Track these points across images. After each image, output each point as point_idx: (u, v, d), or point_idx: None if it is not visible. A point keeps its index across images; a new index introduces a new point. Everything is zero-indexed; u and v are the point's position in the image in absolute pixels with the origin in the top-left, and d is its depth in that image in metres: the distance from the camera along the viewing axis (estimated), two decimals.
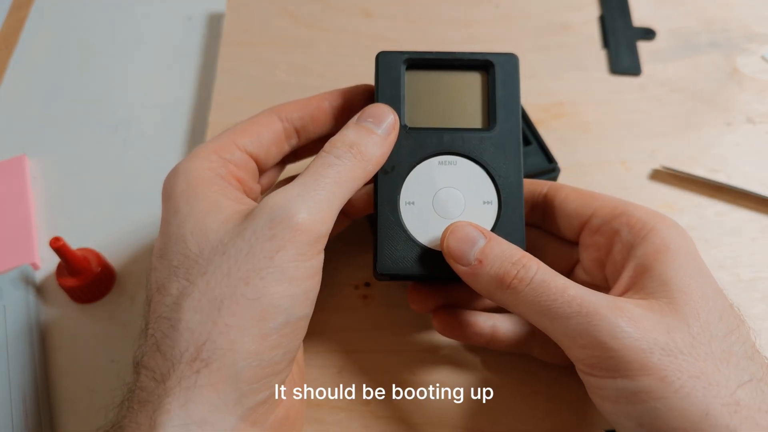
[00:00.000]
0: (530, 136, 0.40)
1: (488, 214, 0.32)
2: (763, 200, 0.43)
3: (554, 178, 0.40)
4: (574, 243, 0.34)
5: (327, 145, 0.30)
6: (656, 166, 0.44)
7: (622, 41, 0.50)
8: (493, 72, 0.34)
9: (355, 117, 0.31)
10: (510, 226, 0.32)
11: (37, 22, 0.53)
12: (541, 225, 0.35)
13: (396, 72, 0.34)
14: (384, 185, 0.32)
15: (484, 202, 0.32)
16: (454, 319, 0.34)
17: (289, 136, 0.34)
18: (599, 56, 0.49)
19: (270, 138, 0.33)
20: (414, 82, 0.34)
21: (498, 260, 0.29)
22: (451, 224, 0.31)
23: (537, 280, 0.28)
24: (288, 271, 0.27)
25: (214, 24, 0.53)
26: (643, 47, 0.50)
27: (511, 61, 0.34)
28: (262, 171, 0.34)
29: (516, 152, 0.33)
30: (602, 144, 0.45)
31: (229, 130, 0.33)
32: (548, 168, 0.39)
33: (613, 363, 0.26)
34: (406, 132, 0.33)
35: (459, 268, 0.30)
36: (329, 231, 0.28)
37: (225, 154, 0.31)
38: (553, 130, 0.45)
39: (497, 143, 0.33)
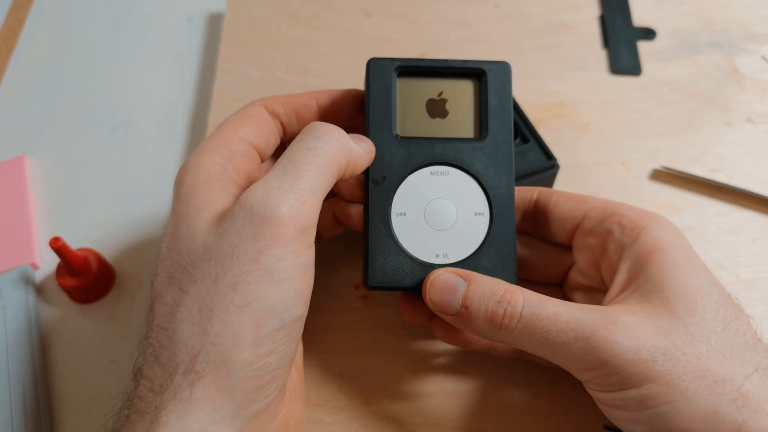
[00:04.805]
0: (527, 134, 0.40)
1: (480, 226, 0.32)
2: (763, 200, 0.43)
3: (554, 176, 0.40)
4: (566, 247, 0.34)
5: (304, 129, 0.29)
6: (656, 166, 0.44)
7: (622, 41, 0.50)
8: (486, 80, 0.34)
9: None
10: (501, 238, 0.32)
11: (37, 22, 0.53)
12: (532, 231, 0.35)
13: (387, 79, 0.33)
14: (375, 195, 0.32)
15: (476, 214, 0.32)
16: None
17: (278, 127, 0.34)
18: (599, 56, 0.49)
19: (267, 128, 0.33)
20: (405, 90, 0.34)
21: (483, 302, 0.28)
22: (430, 275, 0.30)
23: (527, 314, 0.27)
24: (277, 272, 0.25)
25: (214, 24, 0.53)
26: (643, 47, 0.50)
27: (503, 69, 0.34)
28: (262, 161, 0.34)
29: (508, 162, 0.33)
30: (602, 144, 0.45)
31: (228, 123, 0.32)
32: (548, 165, 0.39)
33: (619, 378, 0.26)
34: (397, 141, 0.33)
35: (448, 318, 0.30)
36: (315, 222, 0.27)
37: (231, 147, 0.31)
38: (553, 130, 0.45)
39: (489, 153, 0.33)
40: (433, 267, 0.31)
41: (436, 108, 0.34)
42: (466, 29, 0.51)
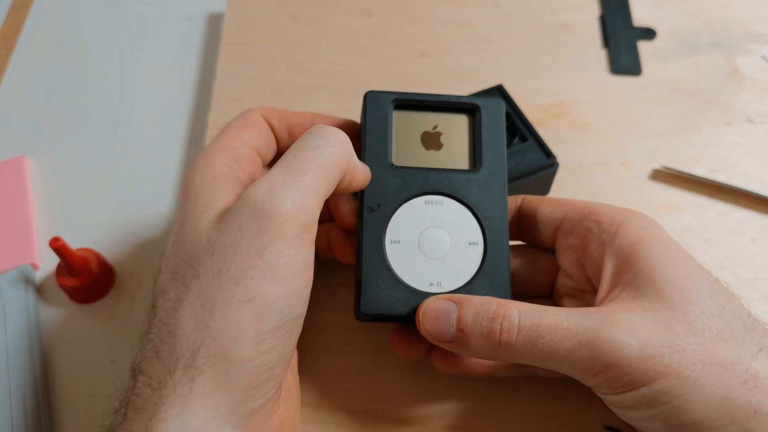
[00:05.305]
0: (526, 132, 0.40)
1: (474, 256, 0.32)
2: (763, 200, 0.43)
3: (553, 174, 0.40)
4: (552, 252, 0.34)
5: (308, 129, 0.29)
6: (656, 166, 0.44)
7: (622, 41, 0.50)
8: (479, 116, 0.34)
9: None
10: (495, 269, 0.32)
11: (37, 22, 0.53)
12: (517, 239, 0.35)
13: (384, 111, 0.34)
14: (369, 223, 0.32)
15: (470, 243, 0.32)
16: (454, 354, 0.33)
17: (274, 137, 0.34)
18: (599, 56, 0.49)
19: (266, 135, 0.33)
20: (401, 122, 0.35)
21: (477, 322, 0.28)
22: (422, 304, 0.30)
23: (525, 326, 0.27)
24: (279, 269, 0.25)
25: (214, 24, 0.53)
26: (643, 47, 0.50)
27: (497, 105, 0.35)
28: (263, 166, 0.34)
29: (502, 194, 0.33)
30: (602, 144, 0.45)
31: (231, 128, 0.32)
32: (547, 163, 0.39)
33: (629, 379, 0.26)
34: (393, 170, 0.33)
35: (446, 346, 0.29)
36: (317, 221, 0.27)
37: (236, 150, 0.31)
38: (553, 130, 0.45)
39: (483, 185, 0.33)
40: (426, 295, 0.31)
41: (431, 140, 0.35)
42: (466, 29, 0.51)
